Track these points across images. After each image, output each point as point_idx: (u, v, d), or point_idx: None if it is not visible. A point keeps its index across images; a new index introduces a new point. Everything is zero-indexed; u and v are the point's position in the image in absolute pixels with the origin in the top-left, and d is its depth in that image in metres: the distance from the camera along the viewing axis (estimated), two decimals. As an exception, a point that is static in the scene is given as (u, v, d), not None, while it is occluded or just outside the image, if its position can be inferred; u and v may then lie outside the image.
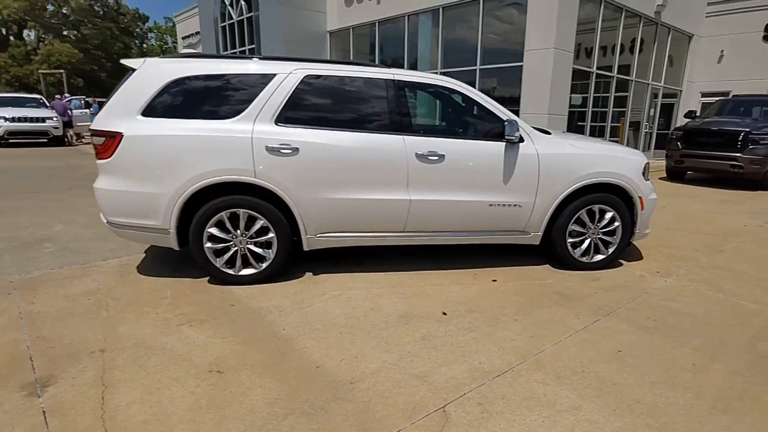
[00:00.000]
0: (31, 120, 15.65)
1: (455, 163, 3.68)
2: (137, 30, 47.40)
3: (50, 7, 39.95)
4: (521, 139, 3.77)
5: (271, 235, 3.60)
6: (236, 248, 3.60)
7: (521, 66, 11.23)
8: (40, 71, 34.60)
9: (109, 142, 3.38)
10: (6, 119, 15.08)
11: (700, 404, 2.25)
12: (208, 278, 3.73)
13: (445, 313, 3.22)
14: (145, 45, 48.42)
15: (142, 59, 3.55)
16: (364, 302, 3.38)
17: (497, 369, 2.53)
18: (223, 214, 3.50)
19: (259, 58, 3.65)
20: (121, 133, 3.36)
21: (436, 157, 3.62)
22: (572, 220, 3.93)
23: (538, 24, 10.75)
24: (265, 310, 3.23)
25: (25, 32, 39.09)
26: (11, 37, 39.74)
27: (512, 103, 11.63)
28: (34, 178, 8.79)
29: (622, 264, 4.28)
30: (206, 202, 3.47)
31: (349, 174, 3.57)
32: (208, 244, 3.54)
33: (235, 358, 2.62)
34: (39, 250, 4.50)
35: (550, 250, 4.06)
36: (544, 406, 2.22)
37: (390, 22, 15.36)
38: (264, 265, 3.66)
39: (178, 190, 3.39)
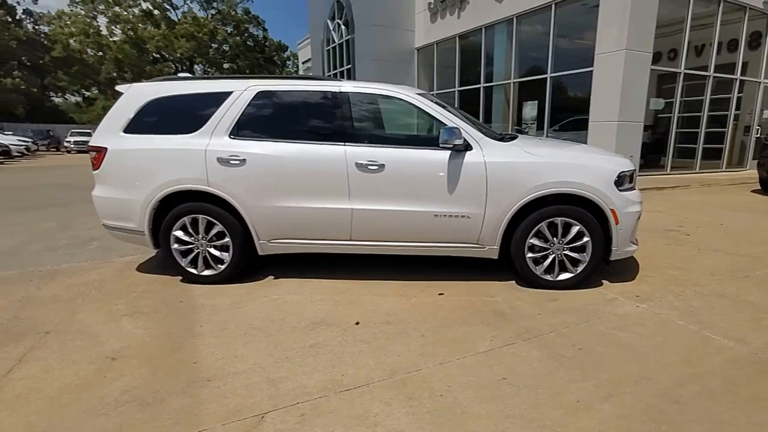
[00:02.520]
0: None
1: (396, 172, 3.54)
2: (278, 59, 52.40)
3: (214, 45, 46.16)
4: (468, 147, 3.50)
5: (227, 239, 3.79)
6: (198, 250, 3.86)
7: (591, 71, 10.29)
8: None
9: (98, 155, 3.85)
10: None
11: (540, 447, 1.90)
12: (181, 277, 4.03)
13: (358, 323, 3.11)
14: (284, 71, 53.18)
15: (129, 84, 4.01)
16: (294, 307, 3.40)
17: (354, 383, 2.40)
18: (185, 219, 3.78)
19: (220, 78, 3.89)
20: (106, 147, 3.82)
21: (375, 167, 3.53)
22: (531, 234, 3.53)
23: (610, 25, 9.78)
24: (202, 308, 3.41)
25: (196, 67, 45.64)
26: (184, 70, 46.51)
27: (582, 111, 10.70)
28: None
29: (602, 284, 3.73)
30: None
31: (292, 183, 3.63)
32: (175, 246, 3.85)
33: (138, 347, 2.82)
34: (84, 246, 5.24)
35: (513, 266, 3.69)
36: (363, 427, 2.05)
37: (469, 36, 15.12)
38: (222, 267, 3.86)
39: (149, 197, 3.74)
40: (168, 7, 44.24)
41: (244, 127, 3.71)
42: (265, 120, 3.75)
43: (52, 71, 38.91)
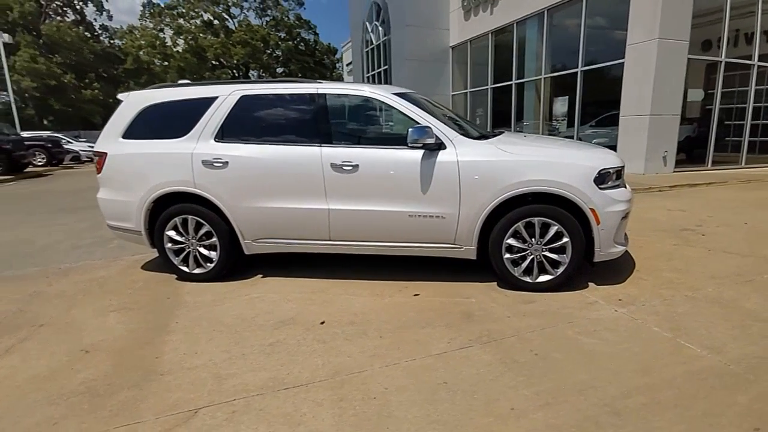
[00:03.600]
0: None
1: (370, 172, 3.50)
2: (328, 61, 53.46)
3: (268, 51, 47.90)
4: (442, 146, 3.41)
5: (214, 239, 3.90)
6: (189, 249, 3.99)
7: (623, 63, 9.74)
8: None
9: (100, 160, 4.07)
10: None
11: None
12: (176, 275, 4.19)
13: (323, 323, 3.11)
14: (334, 74, 54.18)
15: (128, 93, 4.21)
16: (269, 305, 3.45)
17: (295, 382, 2.40)
18: (177, 220, 3.93)
19: (208, 83, 4.00)
20: (106, 152, 4.03)
21: (350, 167, 3.51)
22: (508, 234, 3.39)
23: (642, 13, 9.23)
24: (184, 305, 3.53)
25: (251, 72, 47.55)
26: (240, 76, 48.36)
27: (613, 105, 10.16)
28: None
29: (587, 286, 3.52)
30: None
31: (272, 184, 3.68)
32: (168, 245, 4.01)
33: (113, 341, 2.96)
34: (105, 245, 5.55)
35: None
36: (286, 426, 2.05)
37: (502, 32, 14.78)
38: (211, 266, 3.98)
39: (143, 198, 3.92)
40: (226, 16, 46.23)
41: (228, 131, 3.80)
42: (248, 123, 3.82)
43: (125, 81, 41.53)
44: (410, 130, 3.29)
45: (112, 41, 44.44)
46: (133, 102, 4.08)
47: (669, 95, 9.26)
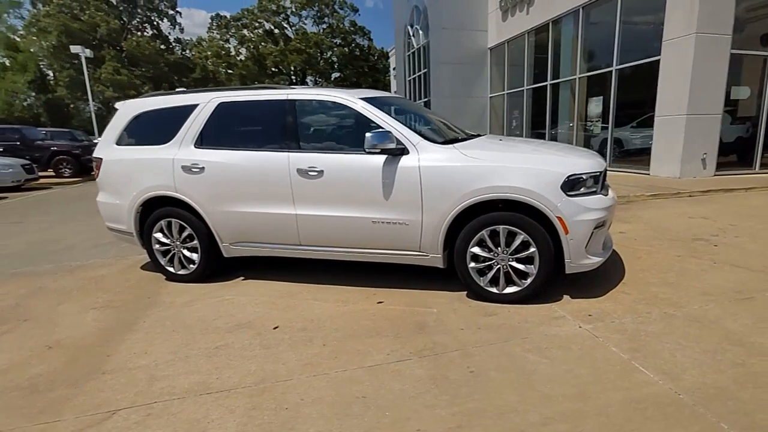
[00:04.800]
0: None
1: (334, 178, 3.44)
2: (381, 66, 53.91)
3: (325, 56, 49.06)
4: (405, 151, 3.28)
5: (195, 242, 3.98)
6: (174, 251, 4.10)
7: (659, 60, 9.07)
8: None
9: (97, 165, 4.27)
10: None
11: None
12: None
13: (276, 328, 3.08)
14: (386, 78, 54.52)
15: (123, 102, 4.38)
16: (234, 308, 3.46)
17: (220, 387, 2.38)
18: (162, 223, 4.04)
19: (191, 91, 4.09)
20: (101, 158, 4.22)
21: (315, 173, 3.46)
22: (472, 243, 3.21)
23: (678, 6, 8.55)
24: (159, 305, 3.61)
25: (308, 78, 48.90)
26: (298, 82, 49.71)
27: (650, 106, 9.48)
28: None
29: (561, 298, 3.27)
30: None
31: (243, 189, 3.70)
32: (156, 246, 4.13)
33: (80, 338, 3.08)
34: (119, 245, 5.78)
35: (462, 275, 3.38)
36: (189, 432, 2.03)
37: (538, 32, 14.26)
38: (193, 267, 4.06)
39: (132, 201, 4.07)
40: (285, 25, 47.76)
41: (207, 137, 3.86)
42: (224, 130, 3.87)
43: (195, 90, 44.03)
44: (367, 135, 3.19)
45: (183, 52, 47.02)
46: (126, 110, 4.24)
47: (708, 93, 8.51)
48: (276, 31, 47.16)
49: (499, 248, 3.19)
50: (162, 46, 44.00)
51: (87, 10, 38.08)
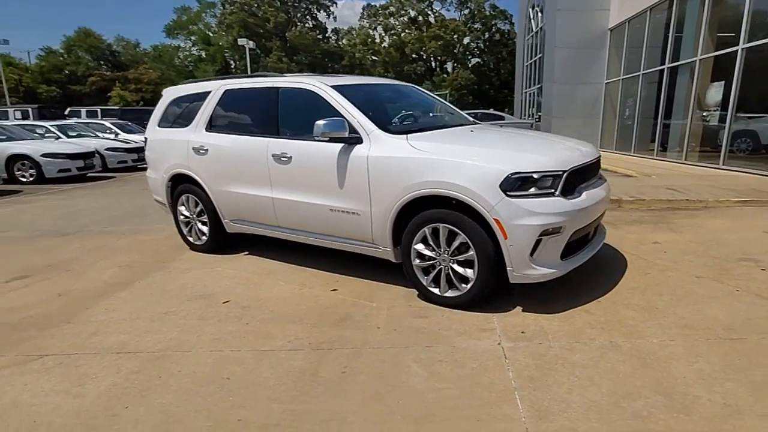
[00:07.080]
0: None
1: (300, 164, 3.42)
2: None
3: (464, 42, 48.54)
4: (359, 140, 3.10)
5: (205, 216, 4.31)
6: (192, 223, 4.49)
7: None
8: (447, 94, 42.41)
9: (145, 144, 4.84)
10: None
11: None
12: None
13: (226, 302, 3.21)
14: None
15: (167, 88, 4.86)
16: (213, 279, 3.69)
17: (129, 349, 2.59)
18: (183, 197, 4.46)
19: (210, 79, 4.37)
20: (146, 137, 4.77)
21: (286, 158, 3.48)
22: (415, 240, 2.93)
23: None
24: (163, 270, 3.99)
25: (446, 65, 48.84)
26: (437, 69, 50.23)
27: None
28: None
29: (510, 310, 2.83)
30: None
31: (235, 171, 3.89)
32: (180, 217, 4.58)
33: (85, 291, 3.56)
34: (159, 213, 6.37)
35: (414, 272, 3.13)
36: (66, 383, 2.25)
37: (660, 7, 12.20)
38: (204, 239, 4.42)
39: (162, 176, 4.55)
40: (428, 12, 47.88)
41: (215, 122, 4.12)
42: (227, 115, 4.08)
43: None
44: (317, 122, 3.08)
45: (338, 42, 50.14)
46: (167, 96, 4.72)
47: None
48: (420, 18, 47.19)
49: (440, 248, 2.87)
50: (319, 36, 47.26)
51: (262, 7, 43.21)
